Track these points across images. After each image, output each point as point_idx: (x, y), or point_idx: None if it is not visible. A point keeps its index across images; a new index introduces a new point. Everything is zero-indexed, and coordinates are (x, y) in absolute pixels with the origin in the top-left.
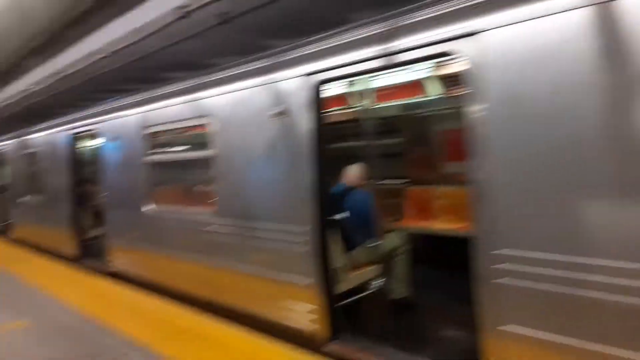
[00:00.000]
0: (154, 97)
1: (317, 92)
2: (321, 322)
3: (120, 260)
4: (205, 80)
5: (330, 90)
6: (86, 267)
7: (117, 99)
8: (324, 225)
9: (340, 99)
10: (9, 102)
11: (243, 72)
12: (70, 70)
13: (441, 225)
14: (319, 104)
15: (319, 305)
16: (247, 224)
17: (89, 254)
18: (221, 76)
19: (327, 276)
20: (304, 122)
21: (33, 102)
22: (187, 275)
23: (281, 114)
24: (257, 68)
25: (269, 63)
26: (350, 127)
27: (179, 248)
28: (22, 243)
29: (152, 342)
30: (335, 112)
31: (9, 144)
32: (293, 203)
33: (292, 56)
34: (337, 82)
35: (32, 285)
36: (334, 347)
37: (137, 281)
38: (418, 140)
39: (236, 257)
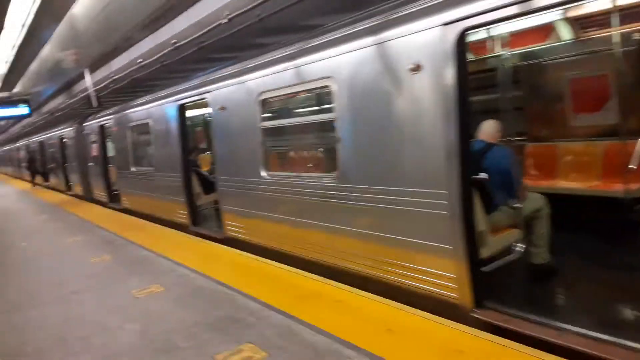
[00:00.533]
0: (269, 61)
1: (458, 41)
2: (464, 289)
3: (236, 226)
4: (324, 40)
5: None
6: (199, 234)
7: (228, 66)
8: (466, 187)
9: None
10: (116, 76)
11: (368, 27)
12: (183, 40)
13: (569, 184)
14: (461, 54)
15: (461, 271)
16: (376, 188)
17: (200, 221)
18: (343, 34)
19: (469, 241)
20: (443, 75)
21: (141, 74)
22: (307, 241)
23: (416, 69)
24: (385, 21)
25: (398, 15)
26: (476, 79)
27: (299, 214)
28: (130, 212)
29: (286, 305)
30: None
31: (112, 118)
32: (431, 164)
33: (428, 4)
34: (481, 29)
35: (154, 251)
36: (481, 314)
37: (252, 247)
38: (541, 92)
39: (363, 223)
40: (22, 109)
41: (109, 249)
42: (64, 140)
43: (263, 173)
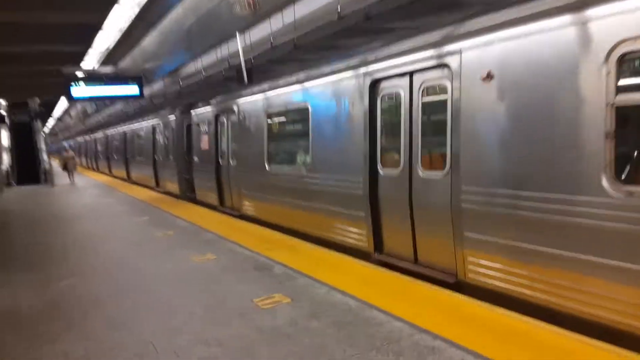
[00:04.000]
0: None
1: None
2: None
3: (496, 270)
4: None
5: None
6: (387, 265)
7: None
8: None
9: None
10: (276, 41)
11: None
12: None
13: None
14: None
15: None
16: None
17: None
18: None
19: None
20: None
21: (312, 39)
22: None
23: None
24: None
25: None
26: None
27: None
28: (252, 221)
29: None
30: None
31: (235, 103)
32: None
33: None
34: None
35: (354, 296)
36: None
37: (535, 308)
38: None
39: None
40: (132, 88)
41: (271, 281)
42: (157, 130)
43: (612, 190)
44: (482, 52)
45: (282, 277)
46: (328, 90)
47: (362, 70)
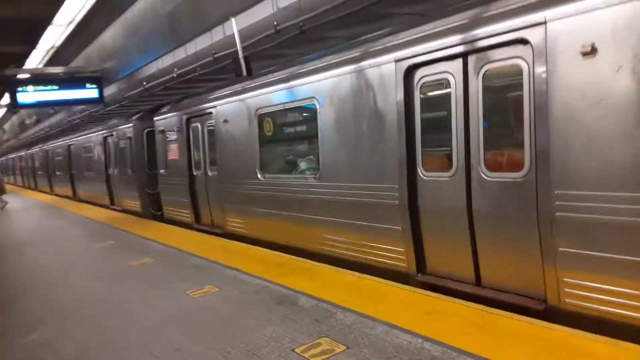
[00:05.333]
0: None
1: None
2: None
3: None
4: None
5: None
6: (432, 287)
7: None
8: None
9: None
10: (280, 24)
11: None
12: None
13: None
14: None
15: None
16: None
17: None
18: None
19: None
20: None
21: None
22: None
23: None
24: None
25: None
26: None
27: None
28: (239, 239)
29: None
30: None
31: (209, 106)
32: None
33: None
34: None
35: (407, 332)
36: None
37: None
38: None
39: None
40: (90, 92)
41: (304, 320)
42: (109, 142)
43: None
44: (581, 21)
45: (317, 313)
46: (343, 82)
47: (392, 55)
